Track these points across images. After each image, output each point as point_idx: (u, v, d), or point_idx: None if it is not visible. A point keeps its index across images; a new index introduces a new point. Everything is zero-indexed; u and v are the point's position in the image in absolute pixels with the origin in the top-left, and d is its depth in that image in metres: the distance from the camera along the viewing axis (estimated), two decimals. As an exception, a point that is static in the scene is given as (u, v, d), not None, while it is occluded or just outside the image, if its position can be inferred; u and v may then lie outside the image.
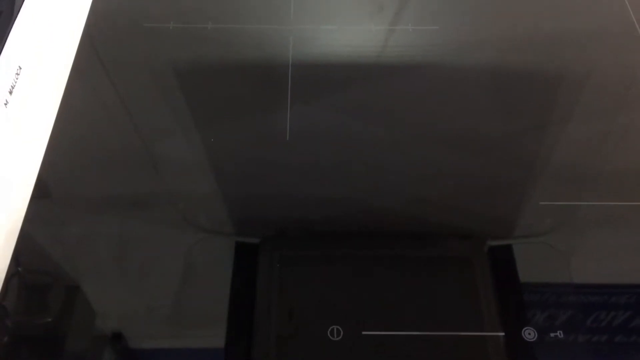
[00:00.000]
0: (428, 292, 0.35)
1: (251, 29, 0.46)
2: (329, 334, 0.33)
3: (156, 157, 0.42)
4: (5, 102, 0.39)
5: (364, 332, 0.33)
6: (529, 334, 0.33)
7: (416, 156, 0.41)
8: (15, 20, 0.41)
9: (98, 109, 0.43)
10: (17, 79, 0.40)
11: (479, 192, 0.40)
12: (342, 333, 0.33)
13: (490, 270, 0.36)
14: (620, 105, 0.43)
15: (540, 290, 0.35)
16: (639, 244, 0.37)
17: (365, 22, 0.47)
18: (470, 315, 0.34)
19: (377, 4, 0.49)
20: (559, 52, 0.46)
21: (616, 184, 0.39)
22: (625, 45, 0.46)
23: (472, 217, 0.39)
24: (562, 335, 0.33)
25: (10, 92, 0.39)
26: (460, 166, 0.40)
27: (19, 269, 0.36)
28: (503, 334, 0.33)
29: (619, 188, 0.39)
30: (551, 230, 0.38)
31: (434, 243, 0.38)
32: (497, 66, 0.45)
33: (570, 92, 0.44)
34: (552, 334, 0.33)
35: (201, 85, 0.44)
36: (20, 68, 0.41)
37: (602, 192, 0.39)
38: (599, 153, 0.41)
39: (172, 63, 0.45)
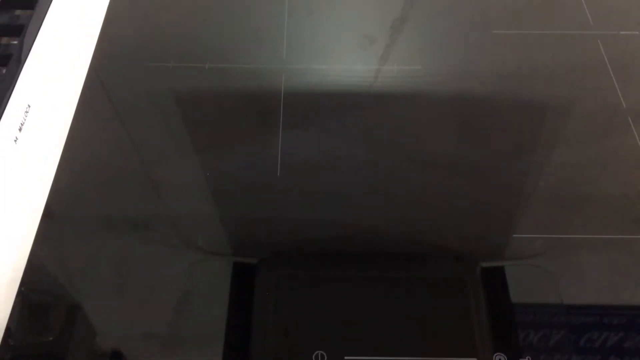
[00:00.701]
0: (420, 314, 0.36)
1: (246, 68, 0.49)
2: (313, 357, 0.34)
3: (156, 182, 0.43)
4: (15, 139, 0.41)
5: (346, 357, 0.35)
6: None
7: (406, 180, 0.43)
8: (24, 63, 0.43)
9: (103, 139, 0.45)
10: (26, 116, 0.43)
11: (469, 215, 0.41)
12: (325, 357, 0.34)
13: (482, 292, 0.37)
14: (599, 135, 0.45)
15: (533, 311, 0.36)
16: (628, 264, 0.38)
17: (354, 62, 0.49)
18: (464, 339, 0.35)
19: (368, 39, 0.51)
20: (536, 85, 0.48)
21: (606, 208, 0.41)
22: (596, 78, 0.48)
23: (463, 239, 0.40)
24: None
25: (20, 129, 0.42)
26: (450, 190, 0.42)
27: (22, 288, 0.37)
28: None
29: (606, 212, 0.41)
30: (542, 252, 0.39)
31: (426, 265, 0.39)
32: (479, 98, 0.47)
33: (551, 122, 0.46)
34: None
35: (199, 117, 0.46)
36: (30, 106, 0.43)
37: (590, 217, 0.41)
38: (583, 181, 0.43)
39: (172, 98, 0.47)
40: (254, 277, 0.38)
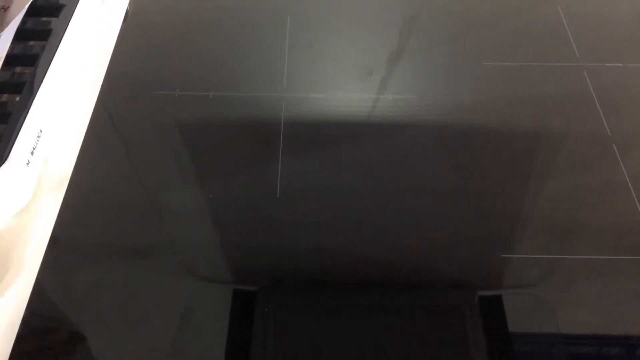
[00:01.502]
0: (419, 342, 0.37)
1: (248, 96, 0.51)
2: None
3: (159, 210, 0.44)
4: (27, 162, 0.43)
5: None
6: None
7: (404, 209, 0.44)
8: (37, 90, 0.45)
9: (109, 166, 0.47)
10: (38, 141, 0.45)
11: (467, 244, 0.42)
12: None
13: (480, 320, 0.38)
14: (586, 163, 0.47)
15: (530, 341, 0.37)
16: (626, 293, 0.39)
17: (352, 91, 0.51)
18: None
19: (366, 70, 0.53)
20: (524, 115, 0.49)
21: (598, 236, 0.42)
22: (583, 108, 0.50)
23: (460, 268, 0.41)
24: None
25: (32, 153, 0.44)
26: (447, 218, 0.43)
27: (27, 314, 0.38)
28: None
29: (599, 240, 0.42)
30: (539, 281, 0.40)
31: (424, 293, 0.40)
32: (472, 129, 0.49)
33: (541, 151, 0.47)
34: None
35: (202, 145, 0.48)
36: (42, 131, 0.45)
37: (584, 244, 0.42)
38: (575, 209, 0.44)
39: (177, 126, 0.49)
40: (254, 304, 0.38)
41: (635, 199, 0.44)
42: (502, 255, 0.41)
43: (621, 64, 0.53)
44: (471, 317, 0.38)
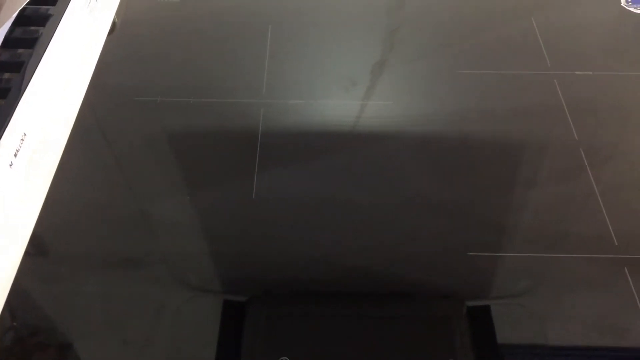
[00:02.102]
0: (407, 352, 0.37)
1: (227, 102, 0.52)
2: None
3: (141, 216, 0.45)
4: (10, 164, 0.45)
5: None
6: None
7: (390, 218, 0.44)
8: (22, 95, 0.47)
9: (92, 169, 0.48)
10: (21, 144, 0.46)
11: (455, 254, 0.42)
12: None
13: (468, 331, 0.38)
14: (555, 169, 0.48)
15: (518, 352, 0.37)
16: (613, 303, 0.39)
17: (331, 98, 0.53)
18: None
19: (346, 79, 0.54)
20: (496, 123, 0.51)
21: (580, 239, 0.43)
22: (552, 116, 0.51)
23: (449, 278, 0.41)
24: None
25: (15, 155, 0.45)
26: (435, 228, 0.44)
27: (15, 323, 0.38)
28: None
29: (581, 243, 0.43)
30: (527, 291, 0.40)
31: (412, 303, 0.40)
32: (451, 138, 0.50)
33: (514, 158, 0.48)
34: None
35: (186, 151, 0.49)
36: (25, 134, 0.47)
37: (568, 257, 0.42)
38: (557, 219, 0.45)
39: (158, 132, 0.50)
40: (244, 314, 0.39)
41: (601, 203, 0.45)
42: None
43: (591, 72, 0.54)
44: (459, 328, 0.38)
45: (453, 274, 0.42)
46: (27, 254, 0.42)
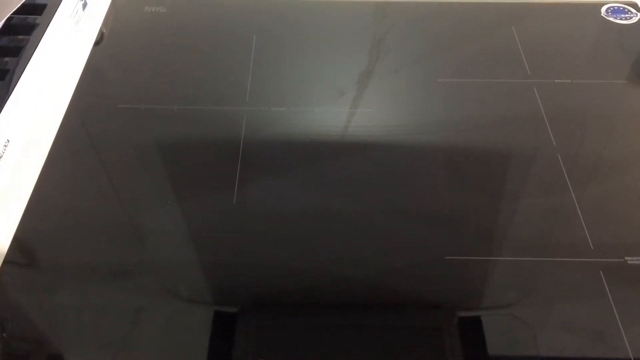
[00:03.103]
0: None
1: (211, 110, 0.53)
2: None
3: (133, 225, 0.45)
4: (-8, 169, 0.45)
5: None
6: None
7: (380, 228, 0.44)
8: (6, 102, 0.47)
9: (75, 176, 0.48)
10: (4, 150, 0.47)
11: (445, 264, 0.42)
12: None
13: (459, 342, 0.38)
14: (534, 176, 0.48)
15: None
16: (603, 314, 0.39)
17: (315, 106, 0.53)
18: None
19: (337, 90, 0.55)
20: (476, 131, 0.51)
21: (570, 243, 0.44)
22: (531, 123, 0.52)
23: (439, 288, 0.41)
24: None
25: (-2, 161, 0.46)
26: (425, 238, 0.44)
27: (4, 334, 0.38)
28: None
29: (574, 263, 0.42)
30: (518, 301, 0.40)
31: (403, 314, 0.40)
32: (434, 147, 0.50)
33: (507, 165, 0.49)
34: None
35: (168, 157, 0.49)
36: (9, 141, 0.47)
37: (557, 266, 0.42)
38: (539, 220, 0.45)
39: (142, 139, 0.50)
40: (234, 325, 0.39)
41: (578, 209, 0.46)
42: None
43: (570, 80, 0.55)
44: (450, 339, 0.38)
45: (444, 285, 0.42)
46: (17, 264, 0.42)
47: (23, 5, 0.55)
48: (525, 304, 0.41)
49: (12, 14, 0.54)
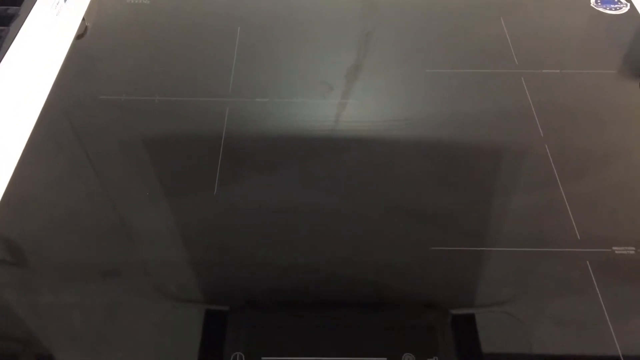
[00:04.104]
0: None
1: (193, 100, 0.52)
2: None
3: (114, 220, 0.44)
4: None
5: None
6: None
7: (371, 225, 0.44)
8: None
9: (52, 168, 0.47)
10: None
11: (438, 262, 0.42)
12: None
13: (453, 340, 0.37)
14: (521, 165, 0.48)
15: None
16: (596, 313, 0.39)
17: (299, 97, 0.53)
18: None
19: (325, 85, 0.54)
20: (464, 123, 0.51)
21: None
22: (519, 113, 0.51)
23: (433, 286, 0.41)
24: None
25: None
26: (418, 235, 0.43)
27: None
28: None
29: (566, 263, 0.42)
30: (511, 299, 0.40)
31: (397, 312, 0.39)
32: (421, 141, 0.50)
33: (495, 156, 0.48)
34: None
35: (148, 149, 0.48)
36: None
37: (550, 264, 0.42)
38: (527, 211, 0.45)
39: (122, 130, 0.50)
40: (226, 324, 0.38)
41: (565, 200, 0.45)
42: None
43: (558, 71, 0.55)
44: (444, 337, 0.38)
45: (437, 283, 0.41)
46: (4, 262, 0.41)
47: (2, -5, 0.54)
48: (512, 294, 0.40)
49: (-10, 4, 0.54)
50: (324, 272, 0.42)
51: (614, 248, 0.42)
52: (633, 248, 0.42)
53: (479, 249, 0.42)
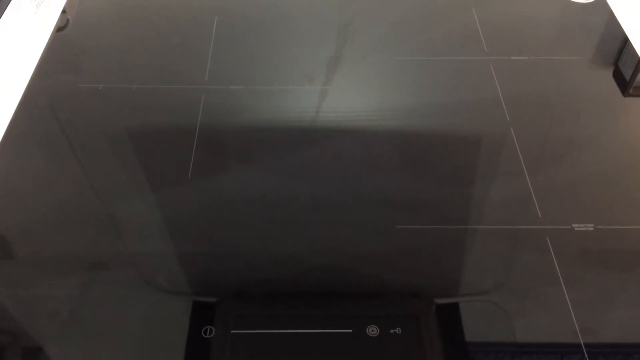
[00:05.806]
0: (377, 352, 0.36)
1: (169, 88, 0.53)
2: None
3: (93, 210, 0.44)
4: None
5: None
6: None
7: (353, 215, 0.44)
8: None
9: (30, 155, 0.48)
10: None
11: (423, 252, 0.43)
12: None
13: (437, 330, 0.38)
14: (488, 151, 0.49)
15: (487, 350, 0.37)
16: (581, 300, 0.39)
17: (273, 84, 0.54)
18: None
19: (307, 76, 0.55)
20: (434, 111, 0.52)
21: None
22: (487, 99, 0.53)
23: (417, 276, 0.41)
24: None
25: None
26: (403, 225, 0.43)
27: None
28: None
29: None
30: (495, 288, 0.40)
31: (381, 302, 0.40)
32: (396, 131, 0.51)
33: (463, 139, 0.50)
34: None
35: (124, 136, 0.49)
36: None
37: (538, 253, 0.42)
38: (491, 190, 0.46)
39: (99, 118, 0.51)
40: (213, 316, 0.38)
41: (528, 180, 0.46)
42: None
43: (526, 57, 0.56)
44: (428, 327, 0.38)
45: (421, 273, 0.42)
46: None
47: (-20, -13, 0.55)
48: (474, 269, 0.42)
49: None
50: (307, 263, 0.42)
51: (574, 225, 0.43)
52: (592, 225, 0.43)
53: (445, 227, 0.44)
